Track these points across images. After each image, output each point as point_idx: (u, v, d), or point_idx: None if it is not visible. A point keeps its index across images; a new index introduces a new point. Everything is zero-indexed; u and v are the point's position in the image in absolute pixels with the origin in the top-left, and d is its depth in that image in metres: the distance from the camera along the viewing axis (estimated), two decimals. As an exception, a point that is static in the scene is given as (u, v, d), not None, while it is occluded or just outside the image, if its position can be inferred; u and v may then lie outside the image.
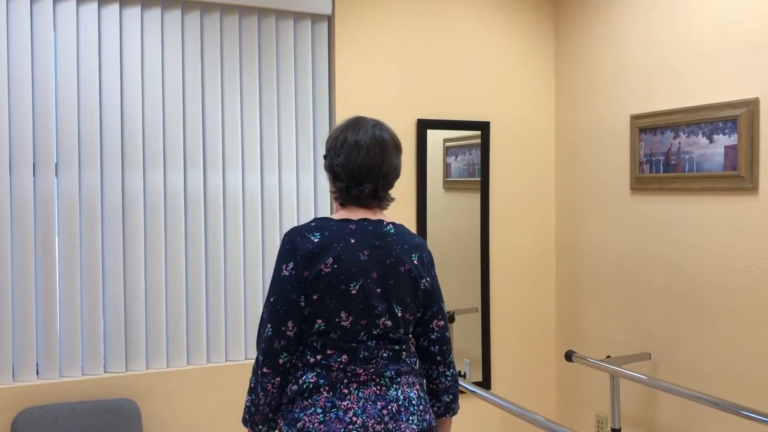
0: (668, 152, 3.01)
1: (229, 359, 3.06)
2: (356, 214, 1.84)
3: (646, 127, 3.11)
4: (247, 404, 1.81)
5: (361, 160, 1.82)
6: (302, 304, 1.76)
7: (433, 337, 1.90)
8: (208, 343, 3.03)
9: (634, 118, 3.17)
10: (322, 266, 1.74)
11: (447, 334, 1.92)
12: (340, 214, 1.86)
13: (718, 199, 2.80)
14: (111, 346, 2.86)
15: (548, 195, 3.71)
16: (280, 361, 1.75)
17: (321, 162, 3.24)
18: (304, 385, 1.74)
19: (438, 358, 1.90)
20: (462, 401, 3.48)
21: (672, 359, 3.01)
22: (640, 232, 3.18)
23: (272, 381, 1.76)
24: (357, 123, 1.87)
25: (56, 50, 2.77)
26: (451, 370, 1.92)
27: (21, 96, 2.71)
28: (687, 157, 2.91)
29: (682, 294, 2.96)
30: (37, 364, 2.77)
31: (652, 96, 3.10)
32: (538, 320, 3.70)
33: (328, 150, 1.88)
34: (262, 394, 1.77)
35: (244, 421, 1.83)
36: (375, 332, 1.78)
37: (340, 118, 3.21)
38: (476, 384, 3.34)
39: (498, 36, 3.55)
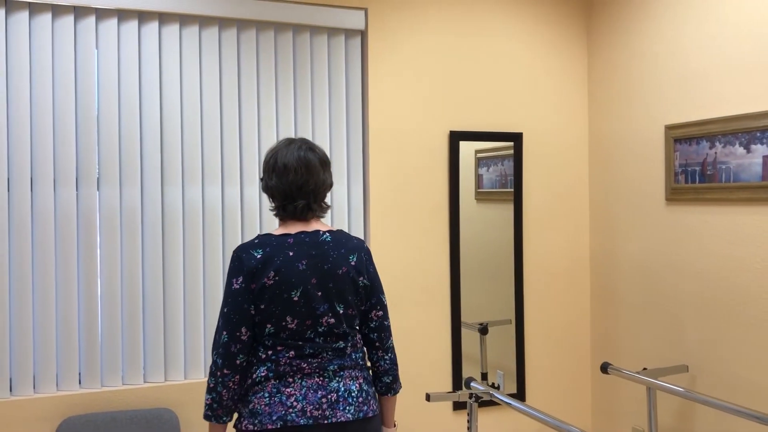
0: (704, 162, 2.98)
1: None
2: (294, 228, 2.09)
3: (681, 137, 3.09)
4: (208, 402, 2.02)
5: (290, 181, 2.07)
6: (252, 312, 2.02)
7: (372, 325, 2.16)
8: (245, 353, 3.08)
9: (669, 128, 3.15)
10: (266, 279, 2.00)
11: (385, 322, 2.18)
12: (280, 230, 2.10)
13: (756, 209, 2.76)
14: (150, 356, 2.92)
15: (582, 206, 3.70)
16: (237, 362, 2.01)
17: (354, 174, 3.27)
18: (257, 377, 2.02)
19: (377, 344, 2.17)
20: (496, 413, 3.47)
21: (710, 372, 2.97)
22: (675, 243, 3.15)
23: (233, 379, 2.01)
24: (287, 146, 2.11)
25: (98, 68, 2.85)
26: (390, 355, 2.19)
27: (64, 113, 2.80)
28: (723, 167, 2.89)
29: (720, 306, 2.93)
30: (79, 374, 2.84)
31: (686, 106, 3.08)
32: (573, 332, 3.68)
33: (264, 172, 2.12)
34: (224, 391, 2.01)
35: (207, 417, 2.04)
36: (320, 330, 2.04)
37: (374, 131, 3.25)
38: (511, 396, 3.33)
39: (530, 47, 3.56)
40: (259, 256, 2.01)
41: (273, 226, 3.12)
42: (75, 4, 2.76)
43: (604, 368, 3.15)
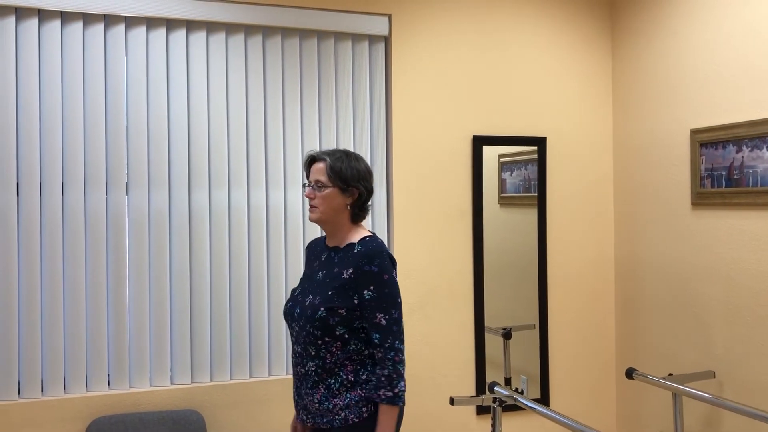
0: (730, 167, 2.96)
1: (289, 372, 3.12)
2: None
3: (706, 141, 3.07)
4: (403, 388, 2.21)
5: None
6: None
7: None
8: (270, 356, 3.11)
9: (695, 132, 3.13)
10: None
11: None
12: (365, 230, 2.37)
13: (784, 213, 2.74)
14: (177, 358, 2.96)
15: (606, 210, 3.68)
16: None
17: (378, 178, 3.29)
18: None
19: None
20: (520, 418, 3.46)
21: (737, 378, 2.94)
22: (701, 248, 3.12)
23: None
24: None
25: (127, 74, 2.91)
26: None
27: (95, 118, 2.85)
28: (750, 171, 2.86)
29: (747, 311, 2.90)
30: (108, 375, 2.89)
31: (712, 110, 3.06)
32: (598, 337, 3.66)
33: (366, 179, 2.34)
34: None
35: (402, 402, 2.21)
36: None
37: (397, 136, 3.27)
38: (535, 401, 3.32)
39: (554, 51, 3.56)
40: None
41: (296, 228, 3.15)
42: (105, 12, 2.82)
43: (629, 374, 3.13)
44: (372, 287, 2.22)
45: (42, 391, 2.79)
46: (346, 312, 2.22)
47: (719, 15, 3.02)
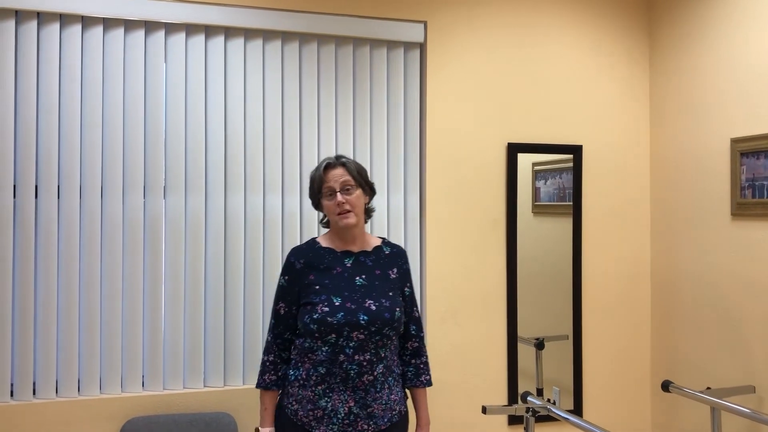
0: (772, 176, 2.90)
1: (321, 378, 3.12)
2: None
3: (747, 150, 3.01)
4: None
5: None
6: None
7: None
8: (301, 361, 3.12)
9: (735, 141, 3.07)
10: None
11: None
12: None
13: (829, 225, 2.67)
14: (210, 361, 2.99)
15: (643, 219, 3.63)
16: None
17: (411, 185, 3.29)
18: None
19: None
20: (552, 429, 3.42)
21: (778, 393, 2.87)
22: (741, 260, 3.06)
23: None
24: None
25: (166, 80, 2.95)
26: None
27: (134, 124, 2.90)
28: (793, 181, 2.80)
29: (790, 325, 2.83)
30: (143, 377, 2.92)
31: (753, 118, 3.00)
32: (633, 348, 3.60)
33: (372, 185, 2.49)
34: None
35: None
36: None
37: (431, 142, 3.27)
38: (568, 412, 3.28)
39: (590, 58, 3.53)
40: None
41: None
42: (146, 19, 2.87)
43: (665, 386, 3.07)
44: (409, 284, 2.53)
45: (79, 390, 2.84)
46: (403, 309, 2.43)
47: (758, 23, 2.97)
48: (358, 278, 2.38)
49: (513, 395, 3.37)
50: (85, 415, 2.79)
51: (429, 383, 2.51)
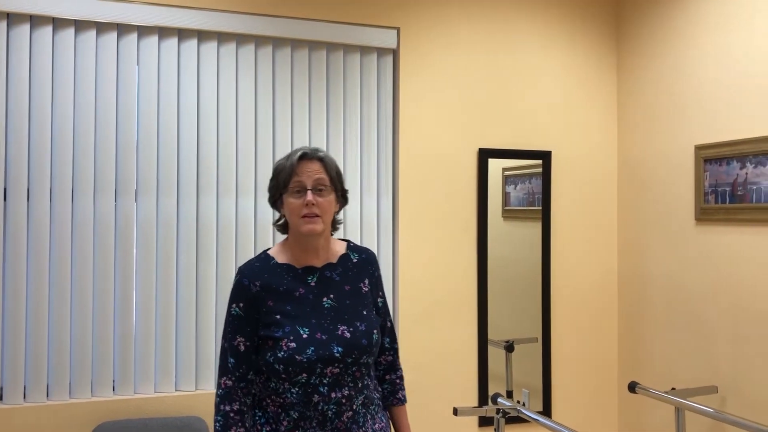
0: (734, 183, 2.98)
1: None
2: None
3: (711, 157, 3.10)
4: None
5: None
6: None
7: None
8: (274, 365, 3.12)
9: (699, 148, 3.16)
10: None
11: None
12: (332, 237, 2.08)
13: (788, 230, 2.76)
14: (182, 365, 2.98)
15: (610, 224, 3.70)
16: None
17: (383, 189, 3.32)
18: None
19: None
20: (523, 429, 3.47)
21: (740, 393, 2.95)
22: (705, 263, 3.14)
23: None
24: None
25: (139, 83, 2.94)
26: None
27: (105, 126, 2.89)
28: (754, 188, 2.89)
29: (750, 327, 2.91)
30: (113, 381, 2.90)
31: (717, 126, 3.09)
32: (600, 351, 3.67)
33: (346, 192, 2.05)
34: None
35: None
36: None
37: (404, 147, 3.30)
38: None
39: (560, 66, 3.60)
40: None
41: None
42: (118, 21, 2.86)
43: (632, 388, 3.14)
44: (381, 293, 2.11)
45: (47, 395, 2.81)
46: (379, 328, 2.03)
47: (723, 33, 3.06)
48: (325, 299, 1.95)
49: (483, 397, 3.41)
50: (54, 420, 2.76)
51: (404, 399, 2.14)
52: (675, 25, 3.33)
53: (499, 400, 2.78)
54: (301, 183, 1.92)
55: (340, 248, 2.06)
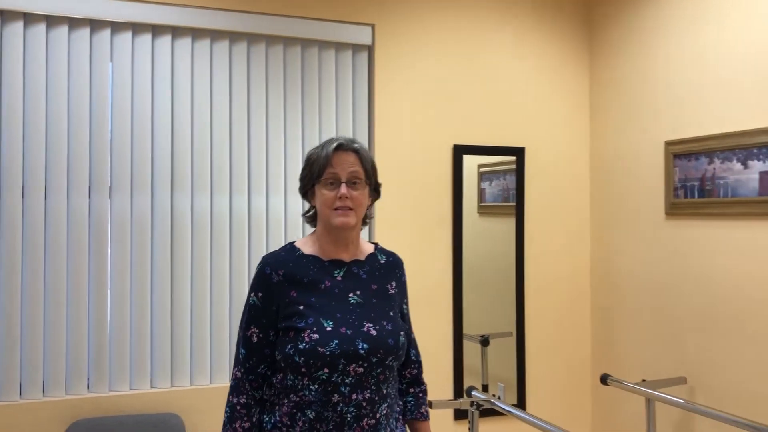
0: (703, 178, 3.04)
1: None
2: None
3: (680, 153, 3.16)
4: None
5: None
6: None
7: None
8: (250, 361, 3.12)
9: (669, 144, 3.22)
10: None
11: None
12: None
13: (754, 224, 2.82)
14: (157, 362, 2.97)
15: (583, 219, 3.75)
16: None
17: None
18: None
19: None
20: (497, 423, 3.51)
21: (708, 383, 3.02)
22: (675, 257, 3.20)
23: None
24: None
25: (112, 80, 2.93)
26: None
27: (79, 123, 2.87)
28: (722, 182, 2.95)
29: (718, 318, 2.98)
30: (88, 379, 2.89)
31: (686, 122, 3.15)
32: (574, 344, 3.72)
33: (379, 187, 1.97)
34: None
35: None
36: None
37: (379, 143, 3.32)
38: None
39: (533, 64, 3.64)
40: None
41: (278, 234, 3.18)
42: (91, 17, 2.84)
43: (604, 380, 3.19)
44: (406, 300, 2.03)
45: (20, 394, 2.78)
46: (406, 333, 1.94)
47: (692, 32, 3.12)
48: (351, 295, 1.87)
49: (459, 391, 3.44)
50: (27, 419, 2.74)
51: (427, 415, 2.05)
52: (646, 25, 3.39)
53: (473, 393, 2.81)
54: (336, 175, 1.85)
55: (369, 248, 2.00)
